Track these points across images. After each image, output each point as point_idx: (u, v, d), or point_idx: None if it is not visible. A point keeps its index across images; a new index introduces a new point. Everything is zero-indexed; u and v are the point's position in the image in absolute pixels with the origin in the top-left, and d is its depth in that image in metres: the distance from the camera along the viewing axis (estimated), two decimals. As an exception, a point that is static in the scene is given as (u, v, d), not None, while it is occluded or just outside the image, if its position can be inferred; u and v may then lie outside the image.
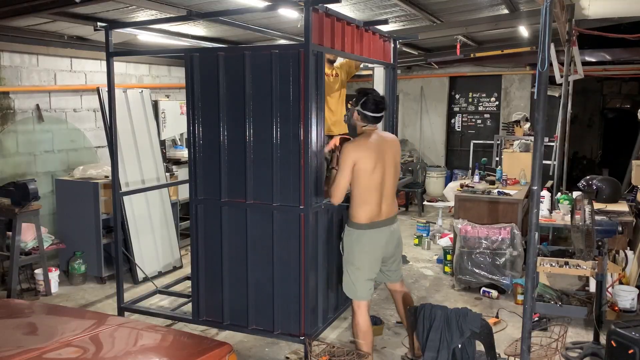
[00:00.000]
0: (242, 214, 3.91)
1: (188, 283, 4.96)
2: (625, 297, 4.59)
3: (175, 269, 6.01)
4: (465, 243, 5.16)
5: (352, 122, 3.71)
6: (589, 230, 3.72)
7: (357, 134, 3.68)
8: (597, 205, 4.92)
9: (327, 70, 4.88)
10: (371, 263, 3.62)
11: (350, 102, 3.77)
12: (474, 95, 10.51)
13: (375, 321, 4.43)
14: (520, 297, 4.82)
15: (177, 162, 6.62)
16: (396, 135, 6.18)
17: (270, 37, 6.15)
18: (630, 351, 3.11)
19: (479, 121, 10.54)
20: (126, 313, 4.52)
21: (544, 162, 4.41)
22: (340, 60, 5.12)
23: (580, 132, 11.14)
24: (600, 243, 3.95)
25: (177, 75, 7.77)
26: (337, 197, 3.56)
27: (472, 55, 8.89)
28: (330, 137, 4.92)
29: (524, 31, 6.95)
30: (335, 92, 5.01)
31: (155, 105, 6.46)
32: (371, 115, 3.59)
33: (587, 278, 4.95)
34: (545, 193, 5.20)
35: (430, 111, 10.76)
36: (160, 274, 5.79)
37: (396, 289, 3.92)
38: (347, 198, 3.66)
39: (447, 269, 5.77)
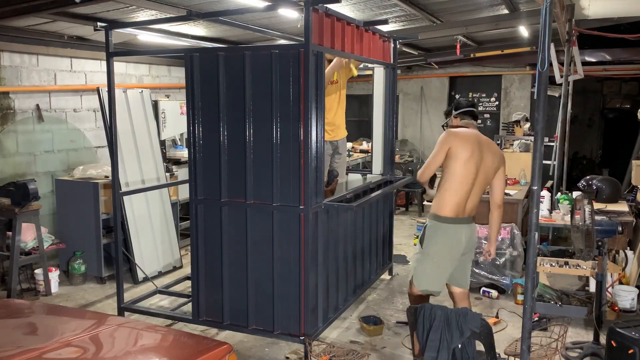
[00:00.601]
0: (242, 214, 3.92)
1: (188, 283, 4.96)
2: (625, 297, 4.59)
3: (175, 269, 6.01)
4: (465, 243, 5.16)
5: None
6: (589, 230, 3.72)
7: None
8: (597, 205, 4.92)
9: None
10: (449, 258, 3.63)
11: (445, 122, 3.97)
12: (474, 95, 10.50)
13: (375, 321, 4.44)
14: (520, 297, 4.82)
15: (177, 162, 6.62)
16: (396, 135, 6.22)
17: (270, 37, 6.15)
18: (630, 351, 3.11)
19: (479, 121, 10.51)
20: (126, 313, 4.52)
21: (544, 162, 4.41)
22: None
23: (580, 132, 11.14)
24: (600, 243, 3.95)
25: (177, 75, 7.77)
26: (423, 177, 3.66)
27: (472, 55, 8.89)
28: (331, 142, 4.98)
29: (524, 31, 6.95)
30: (335, 96, 5.00)
31: (155, 105, 6.46)
32: (464, 109, 3.76)
33: (587, 278, 4.95)
34: (545, 193, 5.20)
35: (430, 111, 10.75)
36: (160, 274, 5.79)
37: (460, 302, 3.82)
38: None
39: (447, 269, 5.75)
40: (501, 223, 3.80)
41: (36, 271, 5.27)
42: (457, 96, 10.65)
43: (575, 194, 5.21)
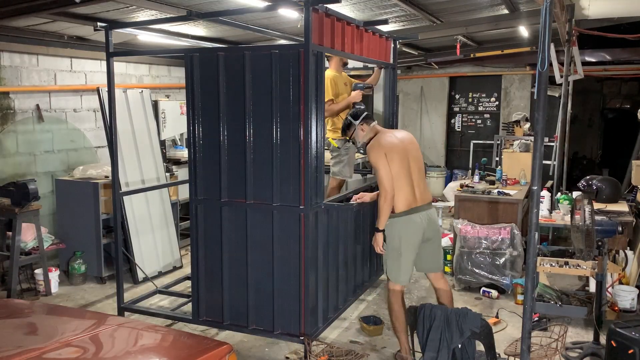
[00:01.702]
0: (242, 214, 3.92)
1: (188, 283, 4.96)
2: (625, 297, 4.59)
3: (175, 269, 6.01)
4: (465, 243, 5.16)
5: (361, 139, 3.93)
6: (589, 230, 3.72)
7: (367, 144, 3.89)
8: (597, 205, 4.92)
9: (342, 76, 4.96)
10: (411, 247, 3.77)
11: (346, 132, 4.05)
12: (474, 95, 10.51)
13: (375, 321, 4.44)
14: (520, 297, 4.82)
15: (177, 162, 6.62)
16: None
17: (270, 37, 6.14)
18: (630, 351, 3.11)
19: (479, 121, 10.54)
20: (126, 313, 4.52)
21: (544, 162, 4.41)
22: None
23: (580, 132, 11.13)
24: (600, 243, 3.95)
25: (177, 75, 7.77)
26: (389, 188, 3.67)
27: (472, 55, 8.89)
28: (346, 140, 5.09)
29: (524, 31, 6.95)
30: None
31: (155, 105, 6.46)
32: (363, 114, 3.95)
33: (587, 278, 4.95)
34: (545, 193, 5.20)
35: (430, 111, 10.75)
36: (160, 274, 5.79)
37: (436, 283, 3.98)
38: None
39: (447, 269, 5.75)
40: None
41: (36, 271, 5.27)
42: (457, 96, 10.67)
43: (575, 194, 5.21)
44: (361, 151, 4.06)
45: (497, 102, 10.29)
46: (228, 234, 3.98)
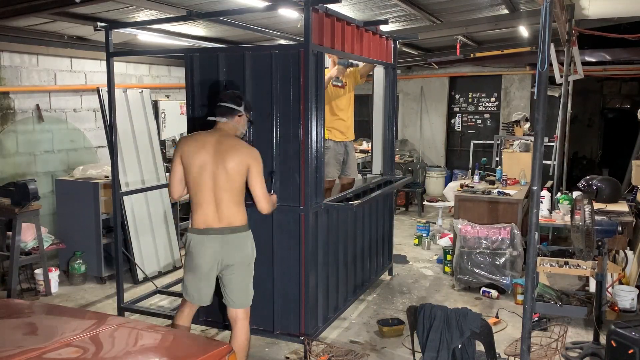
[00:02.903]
0: (242, 214, 3.91)
1: (188, 283, 4.95)
2: (625, 297, 4.59)
3: (175, 268, 6.00)
4: (465, 243, 5.16)
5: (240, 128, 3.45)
6: (589, 230, 3.72)
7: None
8: (597, 205, 4.92)
9: (342, 77, 4.97)
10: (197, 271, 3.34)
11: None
12: (474, 95, 10.51)
13: (392, 322, 4.39)
14: (520, 297, 4.82)
15: (177, 162, 6.61)
16: (396, 135, 6.22)
17: (270, 37, 6.14)
18: (630, 351, 3.11)
19: (479, 121, 10.54)
20: (126, 313, 4.52)
21: (544, 162, 4.41)
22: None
23: (580, 132, 11.14)
24: (600, 243, 3.95)
25: (177, 75, 7.77)
26: (169, 190, 3.43)
27: (472, 55, 8.90)
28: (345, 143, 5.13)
29: (524, 31, 6.95)
30: (346, 98, 5.13)
31: (155, 105, 6.46)
32: (218, 104, 3.37)
33: (587, 278, 4.95)
34: (545, 193, 5.20)
35: (430, 111, 10.76)
36: (160, 274, 5.79)
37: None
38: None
39: (447, 269, 5.77)
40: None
41: (36, 271, 5.27)
42: (457, 96, 10.67)
43: (575, 194, 5.21)
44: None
45: (497, 102, 10.30)
46: (228, 234, 3.98)
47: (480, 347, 3.19)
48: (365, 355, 3.44)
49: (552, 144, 7.27)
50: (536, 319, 4.23)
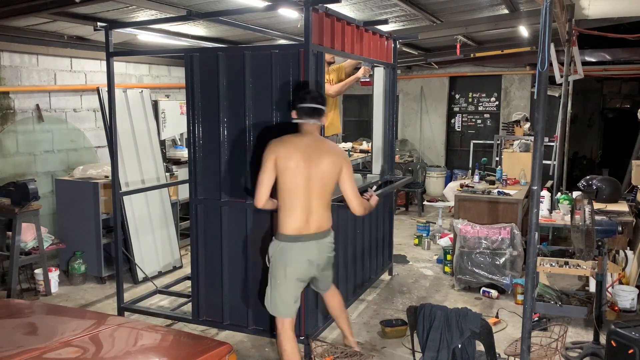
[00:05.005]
0: (242, 214, 3.92)
1: (188, 283, 4.96)
2: (625, 297, 4.59)
3: (175, 269, 6.01)
4: (465, 243, 5.16)
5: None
6: (589, 230, 3.72)
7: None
8: (597, 205, 4.92)
9: (326, 73, 4.98)
10: (293, 279, 3.29)
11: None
12: (474, 95, 10.51)
13: (397, 323, 4.38)
14: (520, 297, 4.82)
15: (177, 162, 6.62)
16: (396, 135, 6.22)
17: (270, 37, 6.14)
18: (630, 351, 3.11)
19: (479, 121, 10.54)
20: (126, 313, 4.52)
21: (544, 162, 4.41)
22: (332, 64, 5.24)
23: (580, 132, 11.14)
24: (600, 243, 3.95)
25: (177, 75, 7.77)
26: (256, 197, 3.26)
27: (472, 55, 8.90)
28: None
29: (524, 31, 6.95)
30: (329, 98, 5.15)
31: (155, 105, 6.46)
32: (301, 105, 3.29)
33: (587, 278, 4.95)
34: (545, 193, 5.20)
35: (430, 111, 10.76)
36: (160, 274, 5.79)
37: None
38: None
39: (447, 269, 5.77)
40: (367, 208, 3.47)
41: (36, 271, 5.27)
42: (457, 96, 10.67)
43: (575, 194, 5.21)
44: None
45: (497, 102, 10.30)
46: (228, 234, 3.98)
47: (480, 347, 3.19)
48: (370, 356, 3.43)
49: (552, 144, 7.27)
50: (536, 319, 4.23)
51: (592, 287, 4.69)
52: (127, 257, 5.45)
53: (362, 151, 9.17)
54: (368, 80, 5.19)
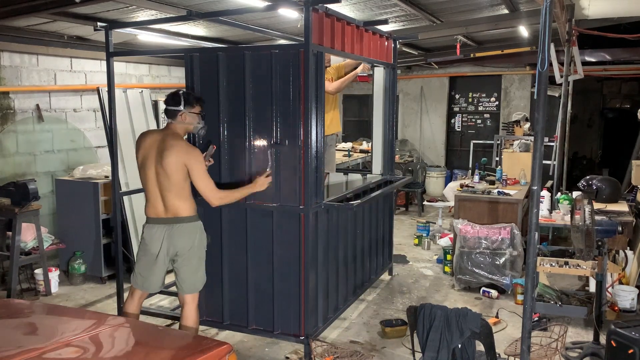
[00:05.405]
0: (242, 214, 3.92)
1: (188, 283, 4.95)
2: (625, 297, 4.59)
3: (175, 269, 6.00)
4: (465, 243, 5.16)
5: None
6: (589, 230, 3.72)
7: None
8: (597, 205, 4.92)
9: (325, 73, 4.97)
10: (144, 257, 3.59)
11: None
12: (474, 95, 10.51)
13: (397, 323, 4.38)
14: (520, 297, 4.82)
15: (177, 162, 6.61)
16: (396, 135, 6.22)
17: (270, 37, 6.14)
18: (630, 351, 3.11)
19: (479, 121, 10.55)
20: (126, 313, 4.51)
21: (544, 162, 4.41)
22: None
23: (580, 132, 11.14)
24: (600, 243, 3.95)
25: (177, 75, 7.77)
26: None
27: (472, 55, 8.89)
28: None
29: (524, 31, 6.95)
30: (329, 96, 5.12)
31: (155, 105, 6.46)
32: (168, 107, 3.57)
33: (587, 278, 4.95)
34: (545, 193, 5.20)
35: (430, 111, 10.76)
36: (160, 274, 5.78)
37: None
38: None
39: (447, 269, 5.77)
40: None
41: (36, 271, 5.27)
42: (457, 96, 10.67)
43: (575, 194, 5.21)
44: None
45: (497, 102, 10.30)
46: (228, 234, 3.98)
47: (480, 347, 3.19)
48: (370, 356, 3.43)
49: (552, 144, 7.27)
50: (536, 319, 4.23)
51: (592, 287, 4.69)
52: (127, 257, 5.45)
53: (362, 151, 9.18)
54: (365, 75, 5.18)
